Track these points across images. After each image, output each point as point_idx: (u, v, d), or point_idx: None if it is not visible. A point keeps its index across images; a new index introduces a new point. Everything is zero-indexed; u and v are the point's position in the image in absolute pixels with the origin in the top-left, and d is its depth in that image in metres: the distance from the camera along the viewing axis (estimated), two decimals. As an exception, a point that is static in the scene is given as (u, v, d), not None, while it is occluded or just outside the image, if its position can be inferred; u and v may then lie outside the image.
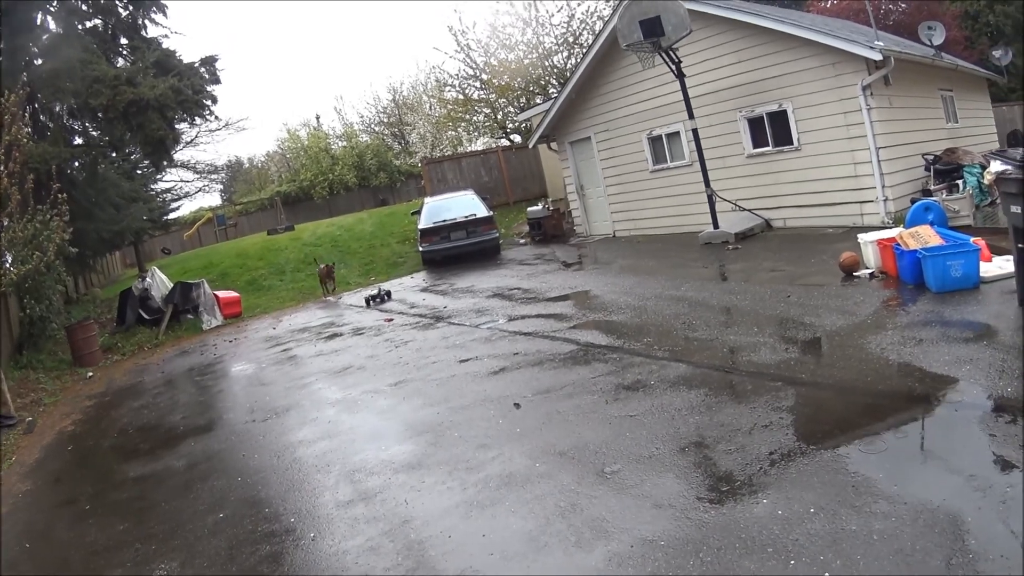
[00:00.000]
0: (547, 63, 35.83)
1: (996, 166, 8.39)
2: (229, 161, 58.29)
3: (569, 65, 33.40)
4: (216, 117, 25.29)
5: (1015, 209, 7.59)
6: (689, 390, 7.22)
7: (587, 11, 35.55)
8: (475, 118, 40.22)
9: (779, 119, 15.60)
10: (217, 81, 22.74)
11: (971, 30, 31.14)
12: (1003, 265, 9.06)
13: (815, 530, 4.35)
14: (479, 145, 42.70)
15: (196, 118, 23.76)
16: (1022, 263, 7.68)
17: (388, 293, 16.85)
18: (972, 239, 9.33)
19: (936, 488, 4.59)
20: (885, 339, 7.65)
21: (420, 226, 21.74)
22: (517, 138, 37.01)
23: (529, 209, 24.19)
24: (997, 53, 22.95)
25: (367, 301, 16.19)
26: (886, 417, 5.90)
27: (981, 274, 8.94)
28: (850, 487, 4.78)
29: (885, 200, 13.85)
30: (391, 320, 14.31)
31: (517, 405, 7.70)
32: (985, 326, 7.61)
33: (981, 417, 5.50)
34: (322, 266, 20.54)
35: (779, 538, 4.33)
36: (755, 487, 5.04)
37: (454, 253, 21.13)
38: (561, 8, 43.64)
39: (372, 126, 56.95)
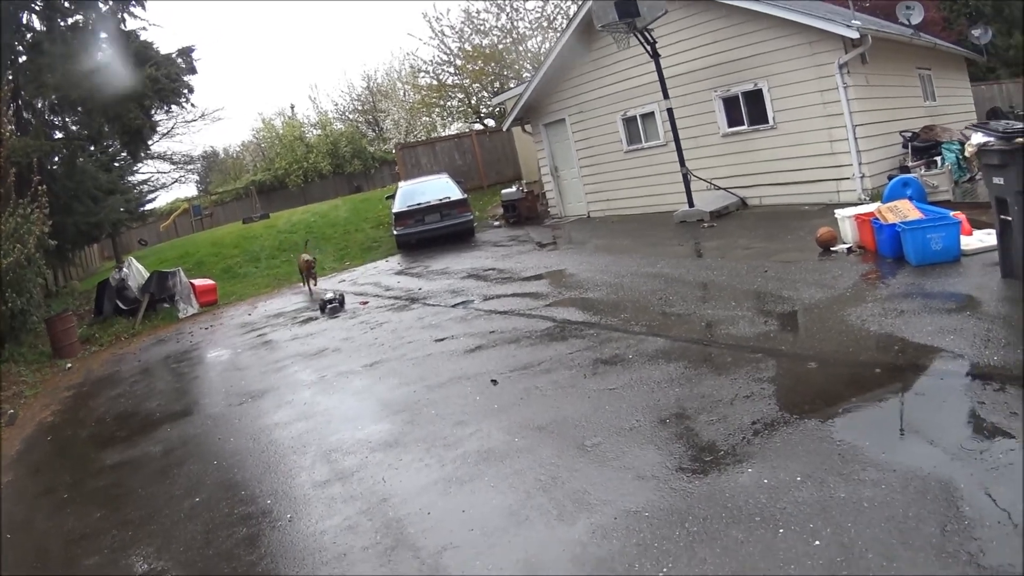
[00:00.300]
0: (521, 48, 35.70)
1: (978, 138, 8.34)
2: (205, 152, 57.62)
3: (543, 49, 33.24)
4: (192, 105, 25.53)
5: (997, 180, 7.51)
6: (668, 363, 7.15)
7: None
8: (449, 103, 40.03)
9: (754, 98, 15.49)
10: (193, 71, 22.69)
11: (949, 11, 31.14)
12: (984, 239, 8.98)
13: (803, 498, 4.26)
14: (453, 130, 42.41)
15: (173, 106, 23.76)
16: (1005, 235, 7.62)
17: (342, 299, 14.56)
18: (952, 213, 9.26)
19: (925, 456, 4.50)
20: (866, 311, 7.56)
21: (394, 209, 21.62)
22: (491, 122, 36.87)
23: (503, 191, 24.09)
24: (976, 32, 22.94)
25: (321, 308, 14.42)
26: (870, 386, 5.82)
27: (962, 247, 8.85)
28: (836, 455, 4.69)
29: (862, 177, 13.77)
30: (366, 303, 14.18)
31: (494, 382, 7.62)
32: (968, 297, 7.53)
33: (968, 385, 5.43)
34: (301, 259, 18.14)
35: (766, 507, 4.25)
36: (739, 457, 4.94)
37: (428, 236, 21.00)
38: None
39: (346, 114, 56.69)
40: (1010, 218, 7.43)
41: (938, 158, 13.27)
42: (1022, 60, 28.07)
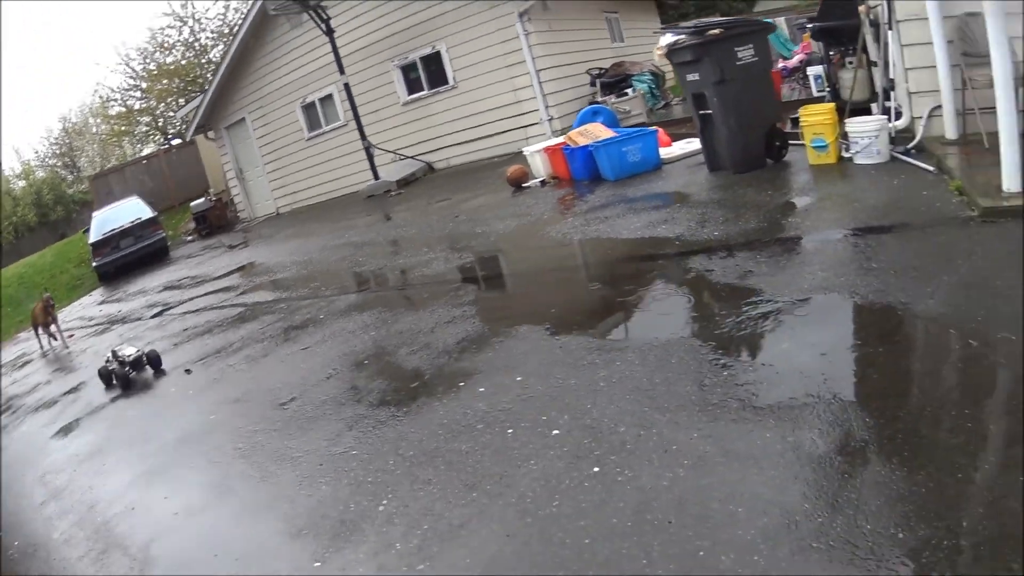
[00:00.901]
0: (204, 60, 34.13)
1: (667, 39, 8.09)
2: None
3: (227, 58, 31.88)
4: None
5: (692, 77, 7.28)
6: (361, 313, 6.93)
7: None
8: (138, 129, 37.78)
9: (434, 62, 14.93)
10: None
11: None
12: (684, 147, 8.80)
13: (528, 395, 3.89)
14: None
15: None
16: (706, 129, 7.39)
17: (156, 357, 8.54)
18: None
19: (660, 327, 4.19)
20: (567, 225, 7.34)
21: (90, 241, 20.14)
22: (179, 141, 35.06)
23: (192, 204, 22.74)
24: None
25: (119, 380, 8.80)
26: (584, 284, 5.67)
27: (662, 156, 8.59)
28: (557, 349, 4.34)
29: (550, 120, 13.46)
30: (72, 335, 12.94)
31: (188, 371, 7.27)
32: (676, 194, 7.31)
33: (691, 259, 5.14)
34: (37, 304, 12.91)
35: (488, 413, 3.86)
36: (448, 375, 4.57)
37: (125, 261, 19.52)
38: (217, 1, 41.78)
39: (46, 160, 52.60)
40: (710, 111, 7.18)
41: (629, 90, 13.19)
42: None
